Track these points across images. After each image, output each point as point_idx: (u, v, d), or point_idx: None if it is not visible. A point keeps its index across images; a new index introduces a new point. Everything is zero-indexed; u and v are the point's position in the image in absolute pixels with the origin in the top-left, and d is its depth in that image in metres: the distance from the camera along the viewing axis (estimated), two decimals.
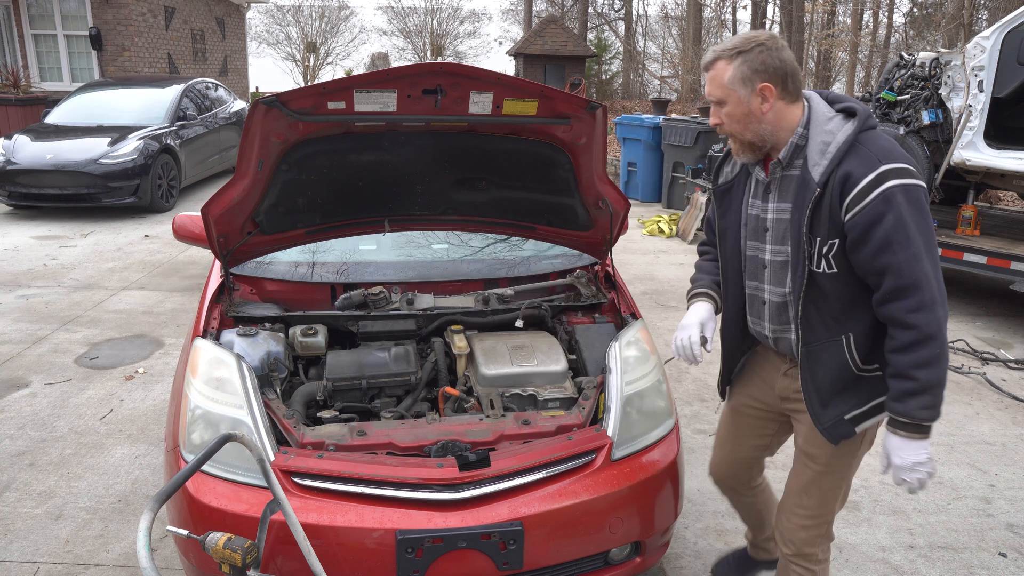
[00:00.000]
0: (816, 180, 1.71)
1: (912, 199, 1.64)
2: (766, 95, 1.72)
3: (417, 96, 2.31)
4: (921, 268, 1.63)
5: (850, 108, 1.76)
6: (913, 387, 1.66)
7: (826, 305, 1.80)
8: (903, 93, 5.88)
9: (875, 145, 1.69)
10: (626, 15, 24.21)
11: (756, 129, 1.77)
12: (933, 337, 1.63)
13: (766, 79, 1.71)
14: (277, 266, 3.25)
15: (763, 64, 1.71)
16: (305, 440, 2.12)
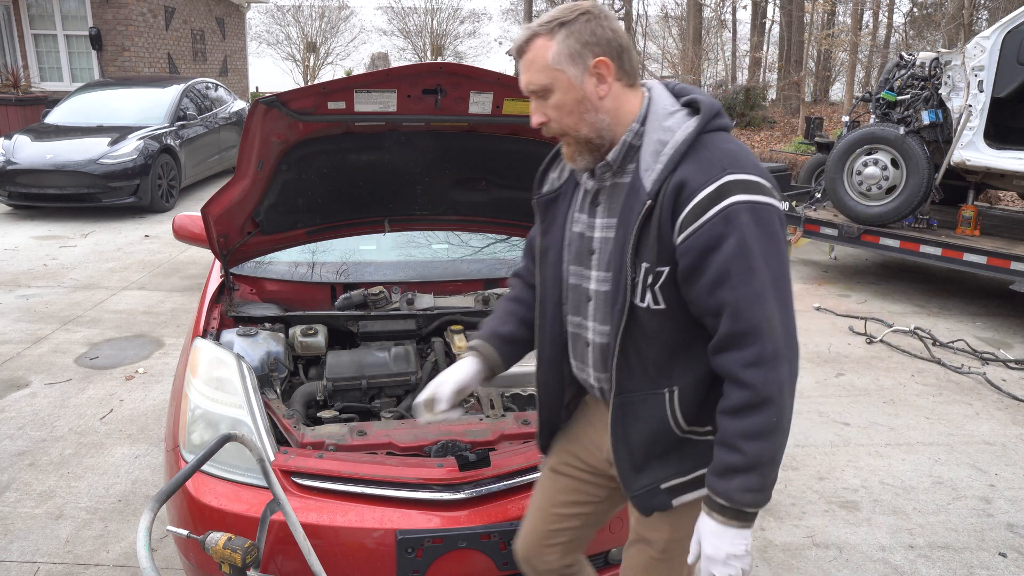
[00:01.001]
0: (647, 189, 1.35)
1: (761, 220, 1.29)
2: (602, 73, 1.36)
3: (417, 96, 2.31)
4: (763, 311, 1.28)
5: (695, 101, 1.41)
6: (738, 462, 1.31)
7: (649, 349, 1.44)
8: (903, 93, 5.88)
9: (720, 149, 1.34)
10: (626, 15, 24.18)
11: (594, 121, 1.40)
12: (770, 401, 1.29)
13: (600, 52, 1.36)
14: (277, 266, 3.25)
15: (594, 35, 1.36)
16: (305, 440, 2.12)
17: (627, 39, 1.40)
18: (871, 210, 5.96)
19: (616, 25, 1.39)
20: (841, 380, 4.47)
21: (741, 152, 1.36)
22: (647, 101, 1.42)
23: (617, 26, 1.39)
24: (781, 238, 1.33)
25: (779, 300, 1.30)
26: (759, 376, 1.28)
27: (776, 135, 13.96)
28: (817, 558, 2.82)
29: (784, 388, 1.30)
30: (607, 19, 1.38)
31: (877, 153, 5.90)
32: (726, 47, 21.89)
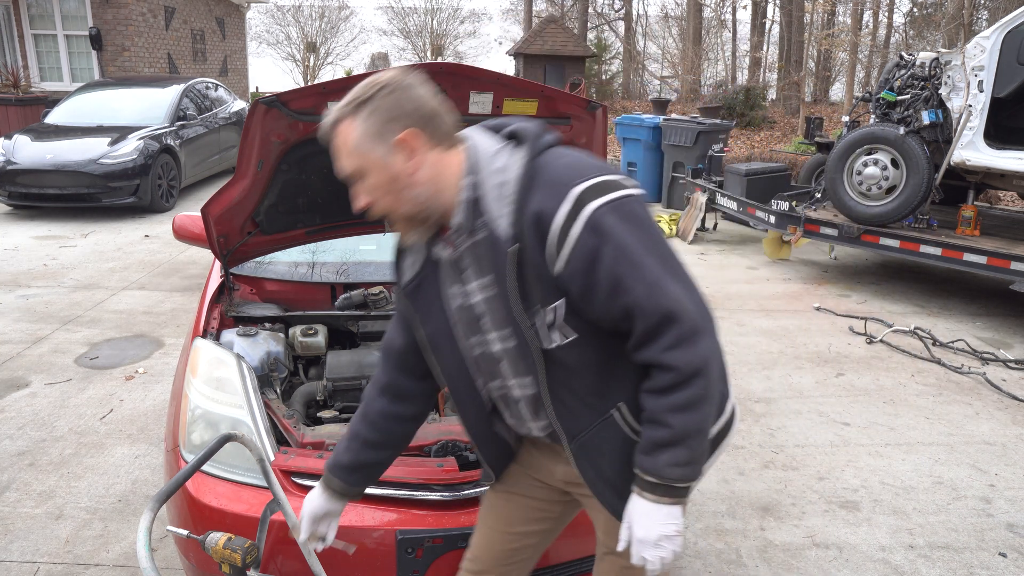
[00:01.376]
0: (507, 235, 1.30)
1: (625, 214, 1.27)
2: (411, 146, 1.31)
3: None
4: (667, 296, 1.26)
5: (515, 131, 1.37)
6: (665, 436, 1.29)
7: (580, 383, 1.40)
8: (903, 93, 5.88)
9: (558, 166, 1.31)
10: (626, 15, 24.21)
11: (412, 196, 1.34)
12: (697, 374, 1.27)
13: (405, 125, 1.30)
14: (277, 266, 3.25)
15: (396, 108, 1.30)
16: (305, 440, 2.12)
17: (435, 103, 1.33)
18: (871, 210, 5.96)
19: (420, 92, 1.32)
20: (841, 380, 4.47)
21: (579, 160, 1.33)
22: (469, 152, 1.36)
23: (421, 93, 1.32)
24: (650, 220, 1.31)
25: (676, 278, 1.28)
26: (682, 356, 1.27)
27: (776, 135, 13.96)
28: (817, 558, 2.82)
29: (709, 359, 1.28)
30: (410, 88, 1.32)
31: (877, 153, 5.90)
32: (726, 47, 21.90)
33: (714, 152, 8.47)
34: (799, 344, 5.02)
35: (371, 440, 1.63)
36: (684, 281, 1.29)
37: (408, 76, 1.33)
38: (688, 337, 1.26)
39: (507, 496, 1.69)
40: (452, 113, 1.37)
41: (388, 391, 1.64)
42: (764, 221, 6.78)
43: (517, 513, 1.68)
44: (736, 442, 3.68)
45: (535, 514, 1.68)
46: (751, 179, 7.68)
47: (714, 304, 5.75)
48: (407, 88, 1.31)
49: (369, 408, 1.64)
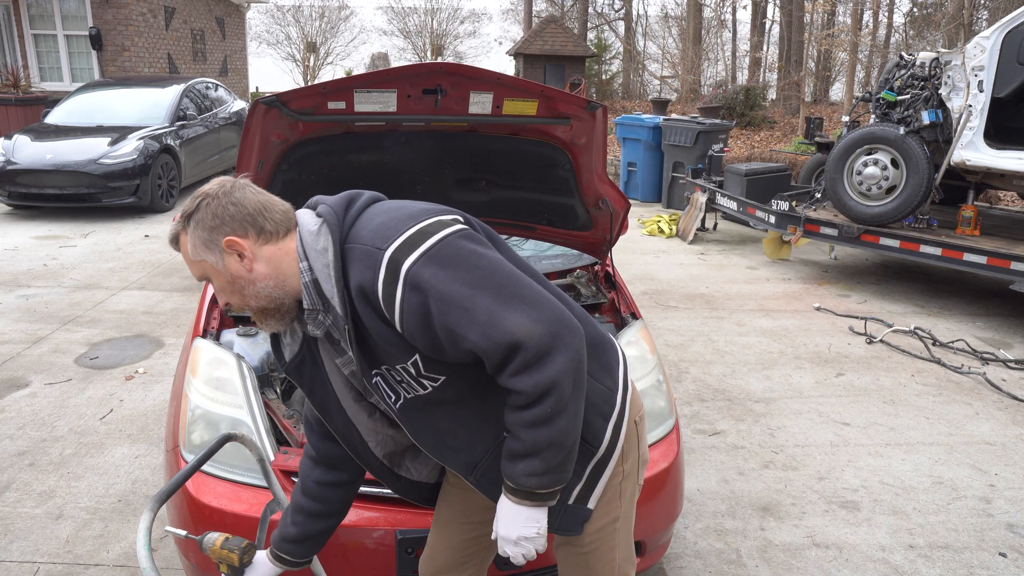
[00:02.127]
0: (340, 314, 1.36)
1: (443, 260, 1.28)
2: (238, 249, 1.36)
3: (417, 96, 2.31)
4: (504, 329, 1.25)
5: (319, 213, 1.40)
6: (519, 448, 1.33)
7: (464, 416, 1.46)
8: (903, 93, 5.88)
9: (367, 233, 1.33)
10: (626, 15, 24.20)
11: (256, 292, 1.39)
12: (545, 394, 1.27)
13: (228, 232, 1.36)
14: None
15: (216, 217, 1.36)
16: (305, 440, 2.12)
17: (256, 202, 1.38)
18: (871, 210, 5.96)
19: (239, 196, 1.37)
20: (841, 380, 4.47)
21: (388, 218, 1.35)
22: (300, 236, 1.40)
23: (241, 196, 1.37)
24: (476, 253, 1.30)
25: (513, 305, 1.26)
26: (528, 380, 1.27)
27: (776, 135, 13.96)
28: (817, 558, 2.82)
29: (560, 378, 1.27)
30: (228, 193, 1.37)
31: (877, 153, 5.90)
32: (726, 47, 21.89)
33: (714, 152, 8.47)
34: (799, 344, 5.02)
35: (314, 511, 1.65)
36: (527, 302, 1.27)
37: (227, 184, 1.39)
38: (532, 363, 1.26)
39: (461, 488, 1.70)
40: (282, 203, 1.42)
41: (320, 461, 1.66)
42: (764, 221, 6.78)
43: (472, 504, 1.68)
44: (736, 442, 3.68)
45: (490, 503, 1.65)
46: (751, 179, 7.68)
47: (714, 304, 5.75)
48: (227, 195, 1.37)
49: (306, 480, 1.67)
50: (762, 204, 6.87)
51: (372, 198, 1.44)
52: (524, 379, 1.27)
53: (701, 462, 3.48)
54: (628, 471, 1.56)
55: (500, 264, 1.31)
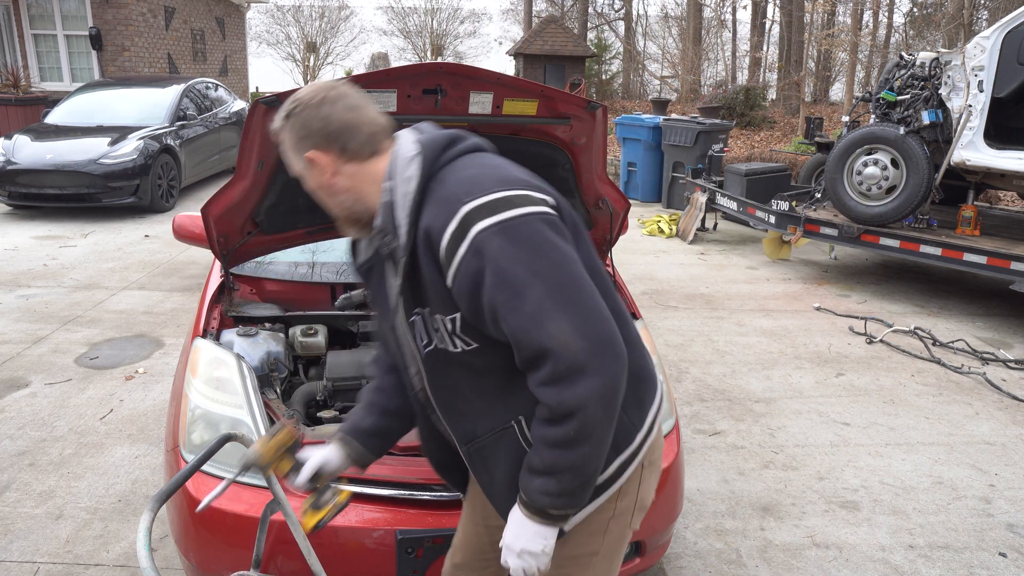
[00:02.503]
0: (402, 245, 1.32)
1: (517, 237, 1.22)
2: (319, 164, 1.37)
3: (417, 96, 2.31)
4: (544, 332, 1.20)
5: (421, 141, 1.37)
6: (537, 464, 1.29)
7: (480, 389, 1.41)
8: (903, 93, 5.88)
9: (455, 180, 1.29)
10: (626, 15, 24.21)
11: (336, 203, 1.42)
12: (569, 416, 1.22)
13: (310, 145, 1.37)
14: (277, 266, 3.25)
15: (303, 128, 1.36)
16: (305, 440, 2.12)
17: (345, 119, 1.36)
18: (871, 210, 5.96)
19: (327, 110, 1.35)
20: (841, 380, 4.47)
21: (481, 173, 1.30)
22: (391, 157, 1.37)
23: (333, 109, 1.35)
24: (550, 243, 1.24)
25: (565, 309, 1.21)
26: (554, 395, 1.22)
27: (776, 135, 13.96)
28: (817, 558, 2.82)
29: (588, 403, 1.21)
30: (319, 105, 1.35)
31: (877, 153, 5.90)
32: (726, 47, 21.89)
33: (714, 152, 8.47)
34: (799, 344, 5.02)
35: (389, 408, 1.65)
36: (580, 311, 1.22)
37: (322, 93, 1.37)
38: (563, 376, 1.20)
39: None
40: (374, 122, 1.39)
41: (394, 369, 1.66)
42: (764, 221, 6.78)
43: (492, 508, 1.60)
44: (736, 442, 3.68)
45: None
46: (751, 179, 7.68)
47: (714, 304, 5.75)
48: (318, 105, 1.36)
49: (382, 383, 1.67)
50: (762, 204, 6.87)
51: (474, 146, 1.39)
52: (551, 392, 1.22)
53: (701, 462, 3.48)
54: (621, 510, 1.46)
55: (570, 262, 1.25)
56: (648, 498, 1.52)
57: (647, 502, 1.52)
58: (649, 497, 1.52)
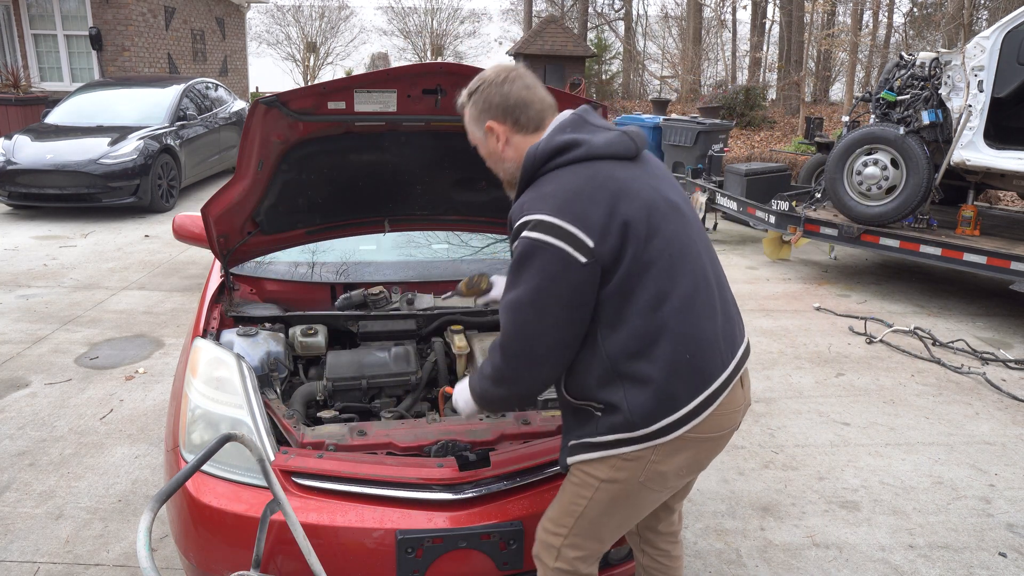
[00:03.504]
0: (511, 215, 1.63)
1: (530, 254, 1.52)
2: (496, 134, 1.68)
3: (417, 96, 2.31)
4: (507, 317, 1.58)
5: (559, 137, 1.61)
6: (482, 368, 1.74)
7: None
8: (903, 93, 5.88)
9: (542, 188, 1.56)
10: (626, 15, 24.21)
11: (503, 168, 1.74)
12: (500, 372, 1.65)
13: (490, 117, 1.68)
14: (277, 266, 3.25)
15: (486, 102, 1.68)
16: (305, 440, 2.12)
17: (520, 96, 1.67)
18: (871, 210, 5.96)
19: (507, 88, 1.66)
20: (841, 380, 4.47)
21: (553, 192, 1.54)
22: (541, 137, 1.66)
23: (512, 88, 1.66)
24: (544, 271, 1.51)
25: (516, 319, 1.57)
26: (491, 361, 1.68)
27: (776, 135, 13.95)
28: (817, 558, 2.82)
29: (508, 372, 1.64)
30: (501, 83, 1.67)
31: (877, 153, 5.90)
32: (726, 47, 21.89)
33: (714, 152, 8.47)
34: (799, 344, 5.02)
35: None
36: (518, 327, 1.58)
37: (504, 73, 1.69)
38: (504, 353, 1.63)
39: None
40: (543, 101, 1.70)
41: None
42: (764, 221, 6.78)
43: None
44: (736, 442, 3.68)
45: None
46: (751, 179, 7.68)
47: None
48: (499, 84, 1.68)
49: None
50: (762, 204, 6.87)
51: (579, 156, 1.58)
52: (493, 355, 1.67)
53: None
54: (614, 478, 1.67)
55: (544, 296, 1.53)
56: (670, 471, 1.67)
57: (667, 475, 1.67)
58: (672, 470, 1.67)
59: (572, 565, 1.78)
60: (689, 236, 1.63)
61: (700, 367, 1.59)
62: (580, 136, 1.59)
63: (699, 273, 1.62)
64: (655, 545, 2.03)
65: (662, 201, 1.60)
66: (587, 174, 1.55)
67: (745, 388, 1.76)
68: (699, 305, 1.59)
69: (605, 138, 1.60)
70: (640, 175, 1.61)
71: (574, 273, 1.50)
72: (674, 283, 1.56)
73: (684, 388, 1.58)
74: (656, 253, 1.54)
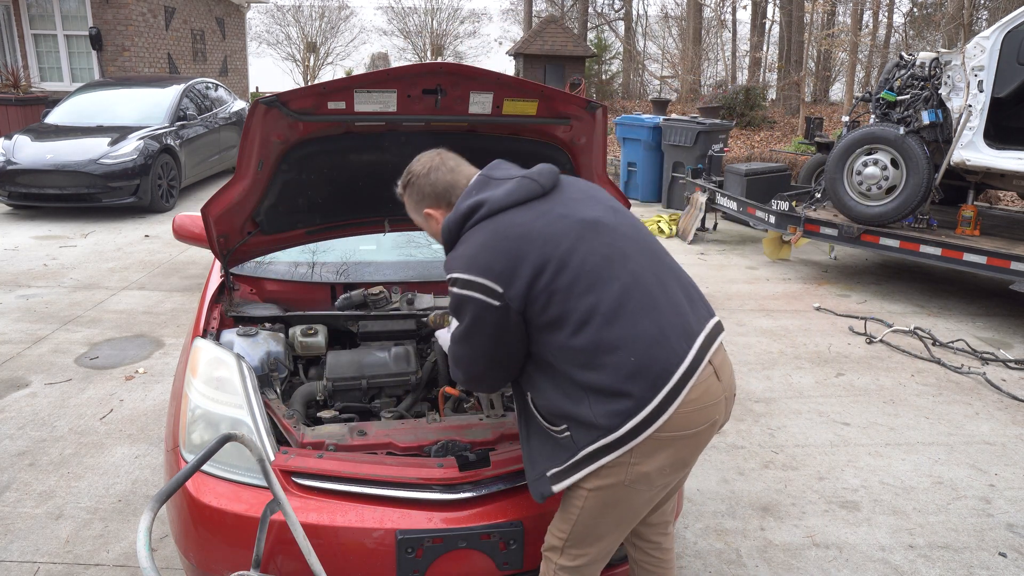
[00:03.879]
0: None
1: (454, 302, 1.74)
2: (436, 217, 1.87)
3: (417, 96, 2.31)
4: (451, 347, 1.83)
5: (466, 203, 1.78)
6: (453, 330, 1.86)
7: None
8: (903, 93, 5.88)
9: (461, 247, 1.75)
10: (626, 15, 24.21)
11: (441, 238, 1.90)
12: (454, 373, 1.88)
13: (426, 206, 1.88)
14: (277, 266, 3.25)
15: (419, 193, 1.88)
16: (305, 440, 2.12)
17: (447, 180, 1.84)
18: (871, 210, 5.96)
19: (435, 178, 1.85)
20: (841, 380, 4.47)
21: (463, 252, 1.72)
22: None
23: (437, 178, 1.85)
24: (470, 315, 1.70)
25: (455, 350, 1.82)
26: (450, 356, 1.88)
27: (776, 135, 13.95)
28: (817, 558, 2.82)
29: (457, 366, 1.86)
30: (427, 175, 1.86)
31: (877, 153, 5.90)
32: (726, 47, 21.88)
33: (714, 152, 8.47)
34: (799, 344, 5.02)
35: None
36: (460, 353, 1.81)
37: (428, 164, 1.87)
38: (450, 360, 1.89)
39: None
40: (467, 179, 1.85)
41: None
42: (764, 221, 6.78)
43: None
44: (736, 442, 3.68)
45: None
46: (751, 179, 7.68)
47: (714, 304, 5.75)
48: (427, 175, 1.86)
49: None
50: (762, 204, 6.87)
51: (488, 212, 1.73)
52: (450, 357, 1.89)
53: (701, 462, 3.48)
54: (596, 488, 1.71)
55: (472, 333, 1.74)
56: (652, 471, 1.69)
57: (650, 475, 1.70)
58: (654, 470, 1.69)
59: (576, 564, 1.84)
60: (612, 245, 1.72)
61: (648, 366, 1.62)
62: (482, 196, 1.75)
63: (629, 276, 1.68)
64: (645, 537, 2.05)
65: (576, 224, 1.71)
66: (491, 229, 1.71)
67: (724, 379, 1.75)
68: (632, 308, 1.65)
69: (505, 190, 1.75)
70: (547, 210, 1.73)
71: (491, 315, 1.68)
72: (599, 296, 1.65)
73: (639, 390, 1.62)
74: (572, 276, 1.65)
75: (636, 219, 1.89)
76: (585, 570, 1.86)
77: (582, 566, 1.85)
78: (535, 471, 1.79)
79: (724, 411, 1.77)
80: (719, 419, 1.75)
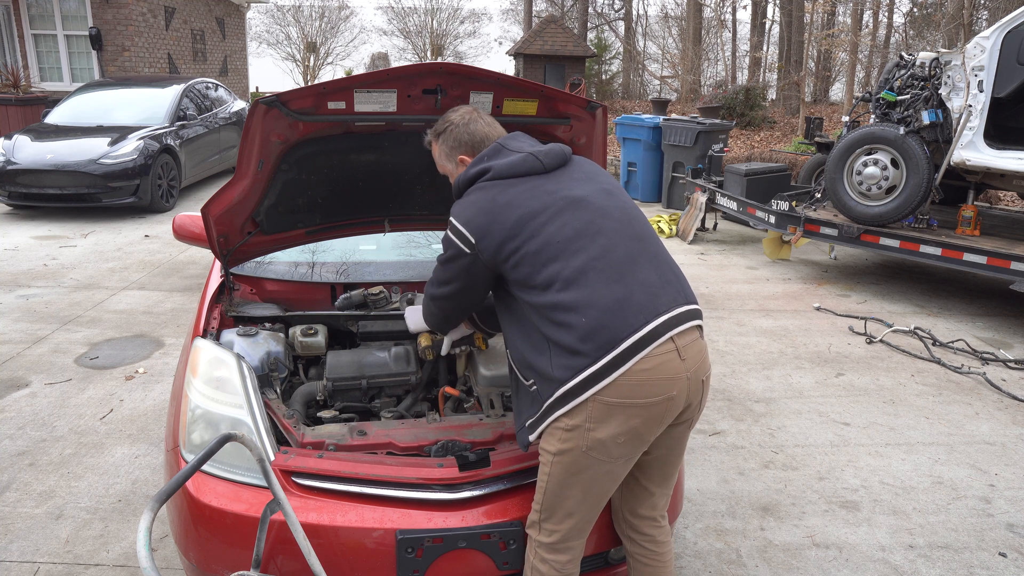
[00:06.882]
0: None
1: (445, 238, 1.98)
2: (467, 163, 2.07)
3: (417, 96, 2.31)
4: (434, 270, 2.06)
5: (481, 166, 2.00)
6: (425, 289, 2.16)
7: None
8: (903, 93, 5.88)
9: (462, 201, 1.97)
10: (626, 15, 24.22)
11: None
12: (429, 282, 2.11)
13: (460, 152, 2.08)
14: (277, 266, 3.25)
15: (456, 140, 2.08)
16: (305, 440, 2.12)
17: (484, 132, 2.08)
18: (871, 210, 5.96)
19: (473, 128, 2.08)
20: (841, 380, 4.47)
21: (461, 205, 1.95)
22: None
23: (475, 128, 2.08)
24: (448, 252, 1.96)
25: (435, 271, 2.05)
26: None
27: (776, 135, 13.96)
28: (817, 558, 2.82)
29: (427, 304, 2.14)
30: (466, 124, 2.08)
31: (877, 153, 5.90)
32: (726, 47, 21.89)
33: (714, 152, 8.47)
34: (799, 344, 5.02)
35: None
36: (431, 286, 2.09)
37: (466, 116, 2.10)
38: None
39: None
40: (492, 137, 2.08)
41: None
42: (764, 221, 6.78)
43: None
44: (736, 442, 3.68)
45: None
46: (751, 179, 7.67)
47: (714, 304, 5.76)
48: (464, 125, 2.08)
49: None
50: (762, 204, 6.87)
51: (491, 175, 1.94)
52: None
53: (701, 462, 3.48)
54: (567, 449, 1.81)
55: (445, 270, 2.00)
56: (606, 438, 1.77)
57: (606, 443, 1.77)
58: (608, 437, 1.77)
59: (551, 541, 1.92)
60: (591, 222, 1.87)
61: (597, 330, 1.74)
62: (490, 163, 1.97)
63: (599, 250, 1.83)
64: (639, 530, 2.08)
65: (559, 200, 1.89)
66: (485, 192, 1.94)
67: (688, 360, 1.80)
68: (593, 277, 1.79)
69: (509, 162, 1.95)
70: (538, 185, 1.92)
71: (462, 258, 1.94)
72: (565, 263, 1.81)
73: (589, 349, 1.75)
74: (541, 244, 1.83)
75: (631, 204, 2.00)
76: (561, 548, 1.91)
77: (557, 543, 1.91)
78: (519, 422, 1.96)
79: (685, 390, 1.80)
80: (677, 396, 1.79)
